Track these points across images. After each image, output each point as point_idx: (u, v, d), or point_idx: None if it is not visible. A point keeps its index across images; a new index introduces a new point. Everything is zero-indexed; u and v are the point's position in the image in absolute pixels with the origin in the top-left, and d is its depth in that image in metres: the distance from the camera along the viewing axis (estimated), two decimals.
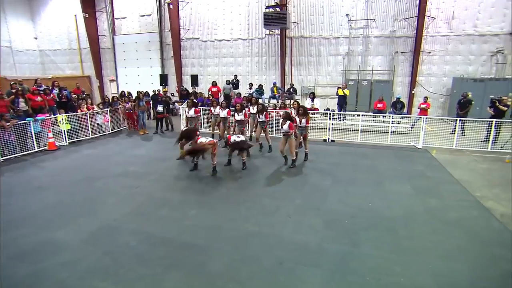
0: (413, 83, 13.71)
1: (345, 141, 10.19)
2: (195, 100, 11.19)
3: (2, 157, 7.82)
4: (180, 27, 16.62)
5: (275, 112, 11.54)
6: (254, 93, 13.93)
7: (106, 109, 10.86)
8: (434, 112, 13.52)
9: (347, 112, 11.98)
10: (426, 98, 11.34)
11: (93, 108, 10.56)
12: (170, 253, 4.05)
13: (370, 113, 11.96)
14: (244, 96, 11.97)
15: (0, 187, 6.16)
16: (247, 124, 9.34)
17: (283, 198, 5.75)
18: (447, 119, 11.83)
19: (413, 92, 13.80)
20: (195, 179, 6.68)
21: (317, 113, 11.74)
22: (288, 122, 7.15)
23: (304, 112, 7.60)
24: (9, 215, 5.00)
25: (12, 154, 8.04)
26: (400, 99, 11.83)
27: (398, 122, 11.35)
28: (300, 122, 7.58)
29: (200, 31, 16.50)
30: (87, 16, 16.72)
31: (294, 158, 7.43)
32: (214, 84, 13.76)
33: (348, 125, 11.26)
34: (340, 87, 12.16)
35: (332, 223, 4.85)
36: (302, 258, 3.95)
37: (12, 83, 10.12)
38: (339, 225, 4.78)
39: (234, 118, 8.65)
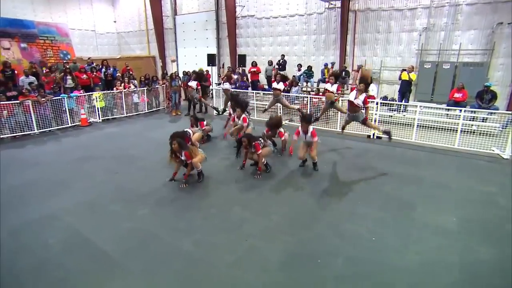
0: None
1: (395, 140, 7.97)
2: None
3: (38, 129, 8.49)
4: (236, 4, 15.77)
5: (318, 98, 9.94)
6: (302, 76, 12.36)
7: (142, 88, 10.96)
8: None
9: (410, 103, 9.44)
10: None
11: (129, 86, 10.74)
12: (73, 262, 3.40)
13: (442, 106, 9.13)
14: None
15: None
16: None
17: (258, 211, 4.51)
18: None
19: None
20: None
21: (372, 101, 9.57)
22: (312, 128, 5.76)
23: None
24: None
25: (47, 128, 8.67)
26: (491, 88, 8.66)
27: (484, 119, 8.38)
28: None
29: (256, 7, 15.34)
30: None
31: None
32: (254, 64, 12.62)
33: (406, 119, 8.82)
34: (405, 70, 9.61)
35: (296, 259, 3.47)
36: None
37: (64, 61, 10.97)
38: (303, 265, 3.38)
39: None
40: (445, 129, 7.62)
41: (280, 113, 10.07)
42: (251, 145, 5.54)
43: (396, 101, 9.66)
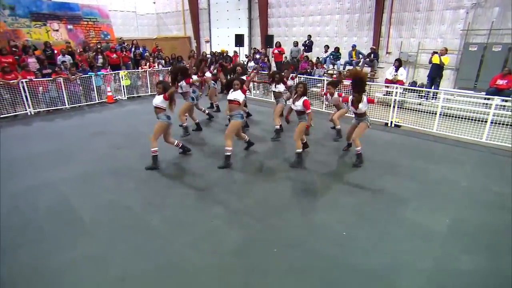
0: None
1: (415, 129, 7.27)
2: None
3: (68, 104, 9.26)
4: None
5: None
6: (328, 58, 11.70)
7: (167, 68, 11.28)
8: None
9: (440, 89, 8.43)
10: None
11: (154, 66, 11.12)
12: (52, 226, 3.72)
13: (480, 93, 8.02)
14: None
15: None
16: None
17: (235, 194, 4.49)
18: None
19: None
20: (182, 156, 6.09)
21: (400, 87, 8.75)
22: (366, 97, 5.16)
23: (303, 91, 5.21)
24: None
25: (77, 103, 9.42)
26: None
27: None
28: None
29: None
30: None
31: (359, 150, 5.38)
32: (277, 45, 12.17)
33: (432, 107, 7.94)
34: (436, 52, 8.57)
35: (253, 245, 3.40)
36: None
37: (97, 41, 11.66)
38: (256, 253, 3.30)
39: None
40: (475, 119, 6.71)
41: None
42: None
43: (425, 87, 8.70)
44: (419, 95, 8.93)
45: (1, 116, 8.15)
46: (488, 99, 7.04)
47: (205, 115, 7.91)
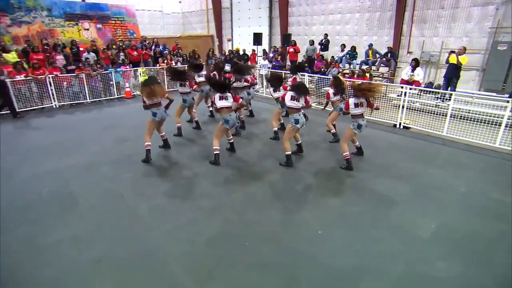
0: None
1: (424, 131, 6.96)
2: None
3: (89, 99, 9.88)
4: None
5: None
6: (344, 57, 11.47)
7: (183, 66, 11.64)
8: None
9: (457, 91, 7.98)
10: None
11: (171, 63, 11.51)
12: (48, 208, 4.06)
13: (503, 96, 7.49)
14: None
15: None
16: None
17: (223, 188, 4.60)
18: None
19: None
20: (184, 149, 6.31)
21: (416, 88, 8.40)
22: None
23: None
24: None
25: (97, 98, 10.02)
26: None
27: None
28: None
29: None
30: None
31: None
32: (293, 44, 12.09)
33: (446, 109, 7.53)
34: (453, 52, 8.12)
35: (227, 238, 3.51)
36: None
37: (119, 40, 12.27)
38: (229, 245, 3.40)
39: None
40: (490, 122, 6.30)
41: None
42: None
43: (441, 88, 8.28)
44: (435, 97, 8.52)
45: (30, 108, 8.87)
46: (508, 101, 6.57)
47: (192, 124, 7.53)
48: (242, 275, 2.98)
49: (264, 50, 14.50)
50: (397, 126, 7.26)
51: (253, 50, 14.66)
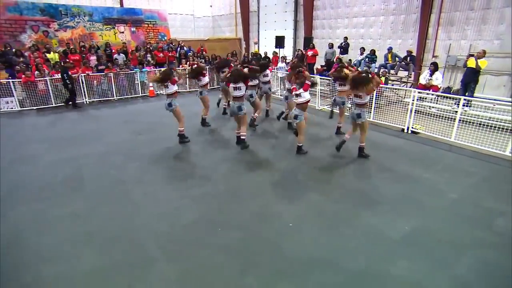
0: None
1: (432, 137, 6.75)
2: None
3: (116, 96, 10.75)
4: None
5: None
6: (363, 61, 11.32)
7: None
8: None
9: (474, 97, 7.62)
10: None
11: (194, 65, 12.09)
12: (57, 191, 4.65)
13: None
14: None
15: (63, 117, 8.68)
16: None
17: (217, 179, 4.92)
18: None
19: None
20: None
21: (434, 93, 8.15)
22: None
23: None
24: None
25: (123, 95, 10.87)
26: None
27: None
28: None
29: None
30: None
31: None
32: (311, 47, 12.14)
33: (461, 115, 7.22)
34: (472, 55, 7.75)
35: (203, 223, 3.82)
36: None
37: (147, 42, 13.14)
38: (203, 230, 3.71)
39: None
40: (503, 129, 5.99)
41: None
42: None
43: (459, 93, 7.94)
44: (455, 103, 8.19)
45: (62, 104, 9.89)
46: None
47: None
48: (208, 256, 3.27)
49: (284, 56, 14.67)
50: (405, 130, 7.11)
51: (275, 53, 14.89)
